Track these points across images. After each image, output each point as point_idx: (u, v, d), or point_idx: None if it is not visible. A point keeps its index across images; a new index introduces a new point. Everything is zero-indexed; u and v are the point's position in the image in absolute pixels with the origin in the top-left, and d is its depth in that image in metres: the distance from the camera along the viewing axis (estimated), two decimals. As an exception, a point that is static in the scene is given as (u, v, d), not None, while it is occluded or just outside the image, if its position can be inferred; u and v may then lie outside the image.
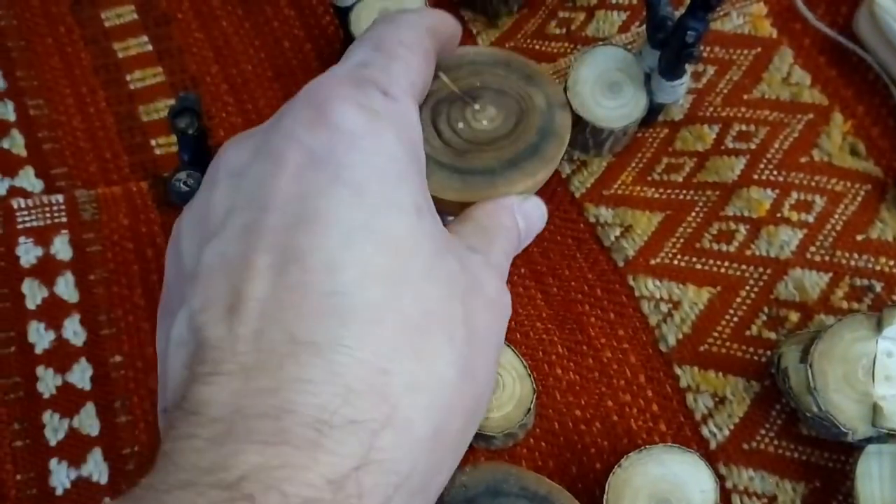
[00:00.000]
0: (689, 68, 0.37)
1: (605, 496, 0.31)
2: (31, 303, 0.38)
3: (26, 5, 0.46)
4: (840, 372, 0.31)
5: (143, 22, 0.46)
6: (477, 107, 0.36)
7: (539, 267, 0.39)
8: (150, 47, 0.46)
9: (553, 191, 0.41)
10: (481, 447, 0.35)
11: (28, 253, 0.39)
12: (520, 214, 0.30)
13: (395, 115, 0.23)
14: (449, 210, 0.35)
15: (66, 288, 0.39)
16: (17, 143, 0.42)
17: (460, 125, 0.35)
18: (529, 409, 0.33)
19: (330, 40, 0.46)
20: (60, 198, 0.40)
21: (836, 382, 0.31)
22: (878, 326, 0.31)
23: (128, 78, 0.45)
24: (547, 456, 0.35)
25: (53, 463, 0.36)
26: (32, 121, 0.43)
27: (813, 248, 0.37)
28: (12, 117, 0.43)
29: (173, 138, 0.43)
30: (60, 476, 0.36)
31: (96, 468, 0.36)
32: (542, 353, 0.37)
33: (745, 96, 0.41)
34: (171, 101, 0.44)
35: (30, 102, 0.43)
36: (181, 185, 0.38)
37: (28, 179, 0.41)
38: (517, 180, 0.34)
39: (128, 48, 0.45)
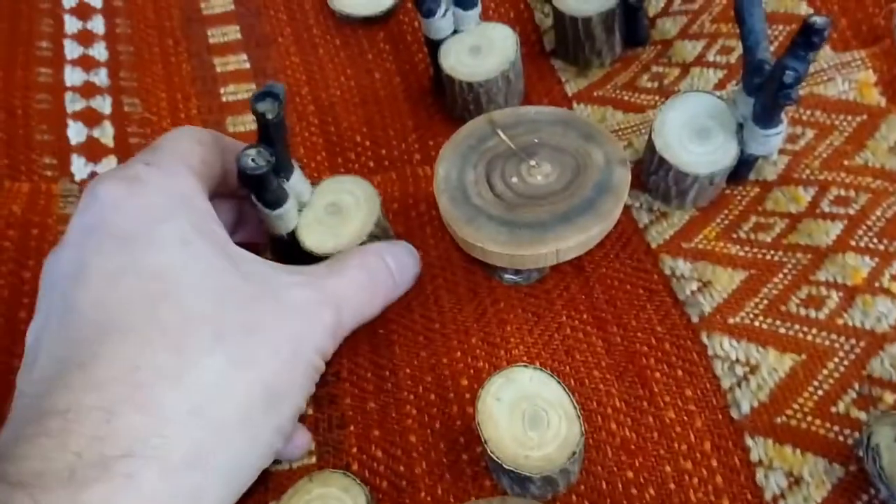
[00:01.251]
0: (784, 118, 0.35)
1: (650, 565, 0.27)
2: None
3: (142, 17, 0.48)
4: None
5: (245, 42, 0.48)
6: (532, 162, 0.36)
7: (603, 314, 0.37)
8: (247, 65, 0.47)
9: (627, 239, 0.39)
10: (516, 493, 0.31)
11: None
12: (389, 255, 0.35)
13: (155, 175, 0.29)
14: (498, 261, 0.34)
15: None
16: (106, 134, 0.43)
17: (514, 179, 0.35)
18: (574, 454, 0.29)
19: (419, 76, 0.47)
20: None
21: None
22: None
23: (221, 91, 0.46)
24: (590, 517, 0.31)
25: None
26: (125, 116, 0.44)
27: (916, 325, 0.33)
28: (107, 111, 0.44)
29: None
30: None
31: None
32: (597, 404, 0.34)
33: (846, 162, 0.38)
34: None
35: (126, 100, 0.45)
36: (249, 160, 0.35)
37: (110, 167, 0.42)
38: (569, 235, 0.33)
39: (227, 64, 0.47)
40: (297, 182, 0.35)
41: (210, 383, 0.26)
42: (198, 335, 0.26)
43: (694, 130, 0.37)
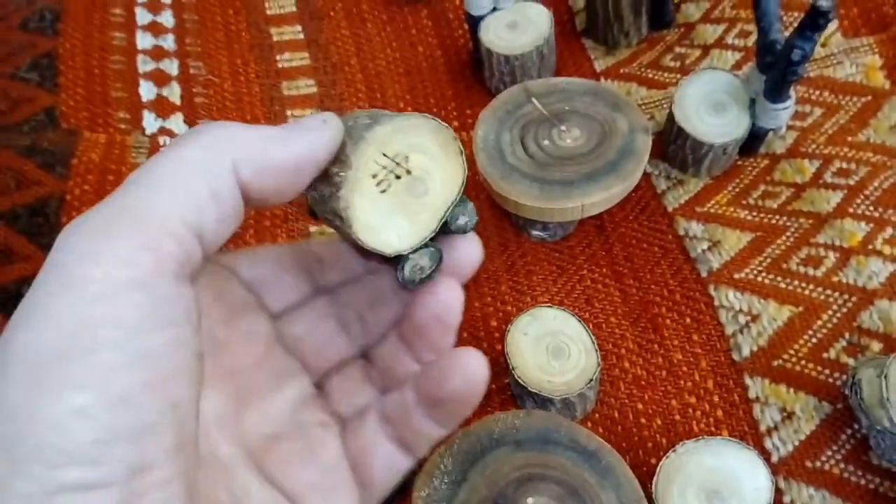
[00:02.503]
0: (792, 94, 0.38)
1: (655, 478, 0.31)
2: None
3: (206, -12, 0.53)
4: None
5: (300, 14, 0.52)
6: (563, 128, 0.39)
7: (621, 268, 0.40)
8: (301, 36, 0.51)
9: (646, 203, 0.42)
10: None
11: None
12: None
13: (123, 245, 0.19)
14: (530, 214, 0.38)
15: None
16: (174, 93, 0.48)
17: (545, 142, 0.39)
18: (592, 381, 0.34)
19: (458, 50, 0.51)
20: (201, 143, 0.45)
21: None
22: (964, 350, 0.30)
23: (277, 58, 0.50)
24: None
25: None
26: (190, 78, 0.49)
27: (905, 284, 0.36)
28: (175, 72, 0.49)
29: (307, 111, 0.48)
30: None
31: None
32: (612, 346, 0.38)
33: (850, 138, 0.41)
34: (311, 82, 0.49)
35: (191, 63, 0.49)
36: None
37: (177, 123, 0.46)
38: (594, 192, 0.37)
39: (283, 34, 0.51)
40: None
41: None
42: None
43: (710, 104, 0.40)
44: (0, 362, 0.18)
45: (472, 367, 0.24)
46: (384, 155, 0.23)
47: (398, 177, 0.23)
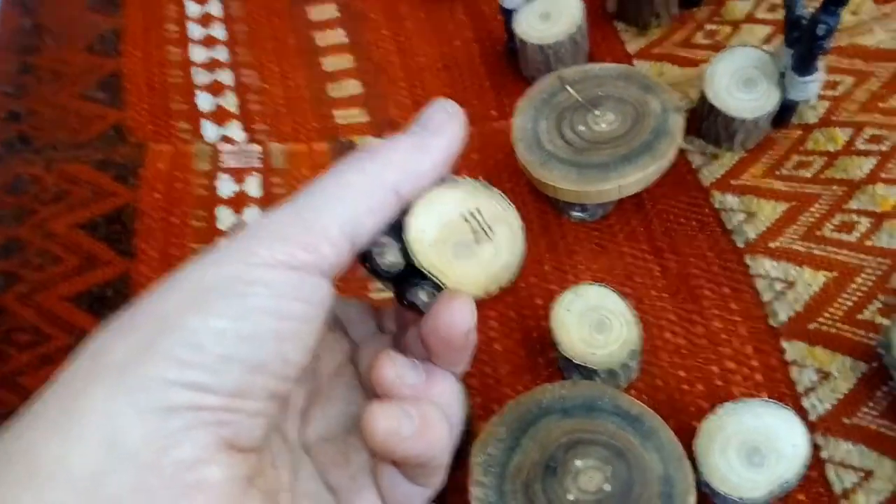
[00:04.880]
0: (820, 66, 0.39)
1: (696, 439, 0.33)
2: (222, 225, 0.46)
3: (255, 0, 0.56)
4: (947, 344, 0.31)
5: (342, 18, 0.55)
6: (597, 112, 0.41)
7: (660, 244, 0.42)
8: (345, 39, 0.54)
9: (682, 179, 0.44)
10: (585, 387, 0.38)
11: (226, 187, 0.47)
12: None
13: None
14: (568, 197, 0.40)
15: (252, 218, 0.46)
16: (230, 103, 0.51)
17: (581, 128, 0.41)
18: (634, 351, 0.36)
19: (494, 43, 0.53)
20: (258, 148, 0.49)
21: (942, 353, 0.31)
22: None
23: (322, 61, 0.53)
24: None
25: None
26: (245, 87, 0.52)
27: (937, 245, 0.37)
28: (229, 82, 0.52)
29: (354, 111, 0.51)
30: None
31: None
32: (653, 318, 0.40)
33: (881, 104, 0.42)
34: (356, 82, 0.52)
35: (244, 73, 0.53)
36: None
37: (235, 131, 0.50)
38: (629, 173, 0.39)
39: (326, 38, 0.54)
40: None
41: None
42: None
43: (741, 80, 0.42)
44: (173, 282, 0.23)
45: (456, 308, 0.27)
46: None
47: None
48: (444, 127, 0.27)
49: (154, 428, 0.21)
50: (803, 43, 0.38)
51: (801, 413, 0.36)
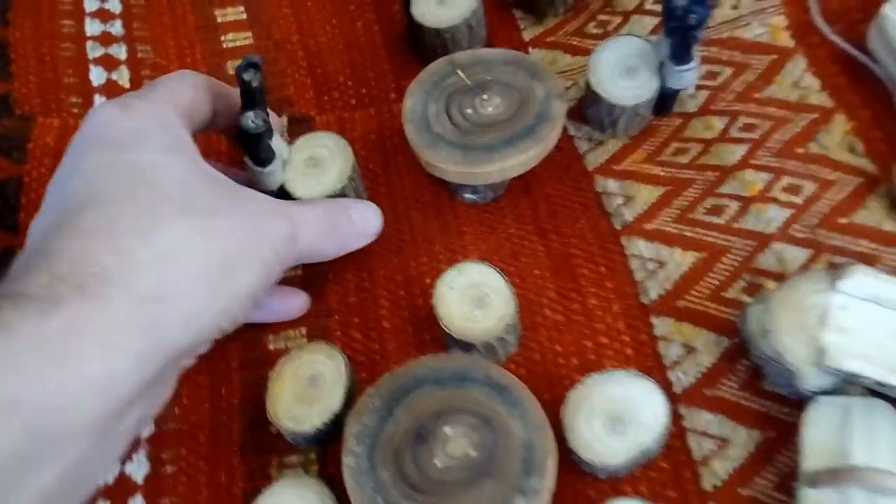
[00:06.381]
0: (695, 56, 0.41)
1: (564, 407, 0.35)
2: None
3: (152, -26, 0.55)
4: (794, 318, 0.34)
5: (243, -5, 0.54)
6: (485, 96, 0.42)
7: (545, 225, 0.43)
8: (244, 16, 0.54)
9: (569, 164, 0.45)
10: (465, 362, 0.39)
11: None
12: (353, 208, 0.41)
13: (144, 104, 0.35)
14: (454, 178, 0.41)
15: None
16: (123, 77, 0.50)
17: (468, 111, 0.42)
18: (508, 325, 0.37)
19: (395, 25, 0.53)
20: (150, 123, 0.48)
21: (789, 326, 0.33)
22: (836, 282, 0.34)
23: (222, 38, 0.53)
24: (525, 380, 0.39)
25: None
26: (139, 62, 0.51)
27: (797, 226, 0.40)
28: (123, 57, 0.51)
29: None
30: None
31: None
32: (535, 296, 0.41)
33: (756, 95, 0.44)
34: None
35: (139, 47, 0.52)
36: (250, 121, 0.41)
37: (127, 106, 0.49)
38: (511, 155, 0.40)
39: (226, 15, 0.54)
40: (277, 143, 0.41)
41: (174, 240, 0.31)
42: (167, 207, 0.32)
43: (623, 69, 0.43)
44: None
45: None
46: None
47: None
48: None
49: None
50: (678, 33, 0.40)
51: (667, 385, 0.37)
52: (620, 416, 0.34)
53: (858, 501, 0.30)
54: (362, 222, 0.41)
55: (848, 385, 0.34)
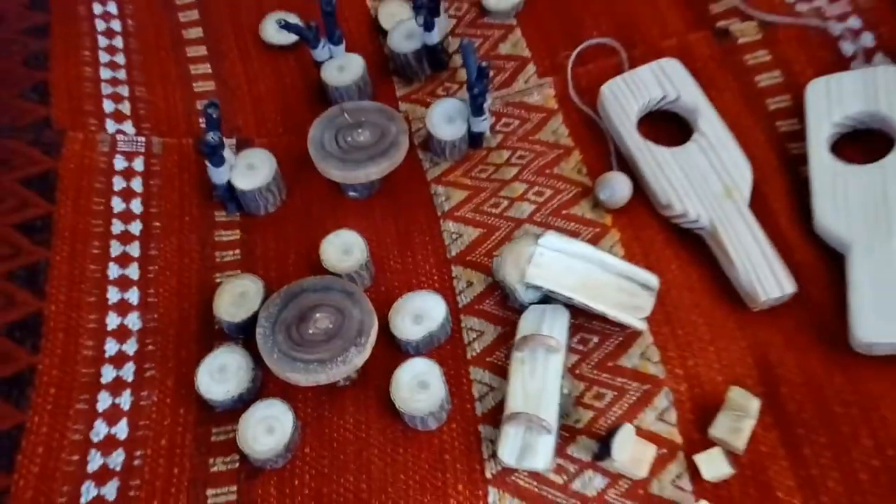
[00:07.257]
0: (486, 111, 0.68)
1: (390, 310, 0.60)
2: (116, 188, 0.70)
3: (144, 6, 0.80)
4: (513, 259, 0.60)
5: (210, 55, 0.80)
6: (360, 130, 0.68)
7: (397, 214, 0.70)
8: (210, 70, 0.79)
9: (417, 175, 0.72)
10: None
11: (119, 164, 0.71)
12: None
13: None
14: (338, 179, 0.67)
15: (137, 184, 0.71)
16: (125, 108, 0.75)
17: (349, 139, 0.68)
18: (363, 264, 0.63)
19: (311, 82, 0.79)
20: (143, 139, 0.73)
21: (511, 265, 0.60)
22: (538, 240, 0.60)
23: (194, 85, 0.78)
24: (373, 299, 0.64)
25: None
26: (137, 97, 0.76)
27: (539, 216, 0.67)
28: (126, 94, 0.76)
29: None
30: None
31: None
32: (385, 252, 0.67)
33: (531, 137, 0.72)
34: (216, 102, 0.77)
35: (137, 88, 0.77)
36: (210, 138, 0.68)
37: (128, 127, 0.74)
38: (373, 168, 0.66)
39: (197, 69, 0.79)
40: (227, 153, 0.66)
41: None
42: None
43: (447, 118, 0.70)
44: None
45: None
46: None
47: None
48: None
49: None
50: (473, 97, 0.67)
51: (455, 303, 0.63)
52: (420, 314, 0.60)
53: (539, 354, 0.56)
54: None
55: (550, 300, 0.60)
